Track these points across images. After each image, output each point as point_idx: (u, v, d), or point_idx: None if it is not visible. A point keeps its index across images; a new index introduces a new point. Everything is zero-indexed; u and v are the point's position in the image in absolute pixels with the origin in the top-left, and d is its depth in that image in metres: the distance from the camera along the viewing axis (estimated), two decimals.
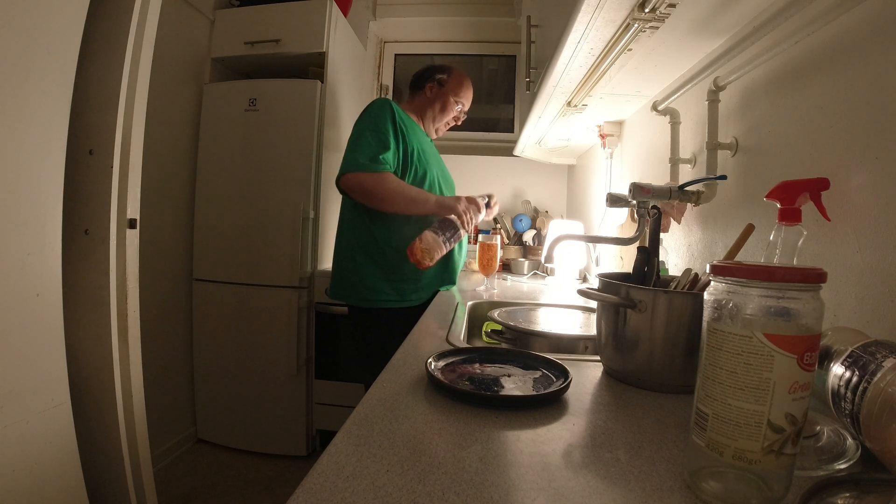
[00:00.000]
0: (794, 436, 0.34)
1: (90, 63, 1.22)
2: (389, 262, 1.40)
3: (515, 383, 0.62)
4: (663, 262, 1.16)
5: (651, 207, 0.88)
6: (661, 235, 1.13)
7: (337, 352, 2.04)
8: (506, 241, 2.44)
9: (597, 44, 0.92)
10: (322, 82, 1.99)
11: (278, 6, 2.03)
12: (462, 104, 1.61)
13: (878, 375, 0.39)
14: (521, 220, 2.46)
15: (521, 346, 0.94)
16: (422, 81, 1.60)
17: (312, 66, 2.09)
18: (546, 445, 0.46)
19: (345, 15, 2.19)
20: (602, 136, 1.59)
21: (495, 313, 1.07)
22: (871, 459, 0.41)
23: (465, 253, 1.52)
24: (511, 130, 2.70)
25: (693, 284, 0.71)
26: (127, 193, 1.29)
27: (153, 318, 1.85)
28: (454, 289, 1.54)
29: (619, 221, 1.49)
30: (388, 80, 2.79)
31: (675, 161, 1.07)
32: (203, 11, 2.03)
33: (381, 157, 1.32)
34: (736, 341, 0.35)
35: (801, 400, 0.34)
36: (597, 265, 1.80)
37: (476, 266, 1.69)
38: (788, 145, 0.74)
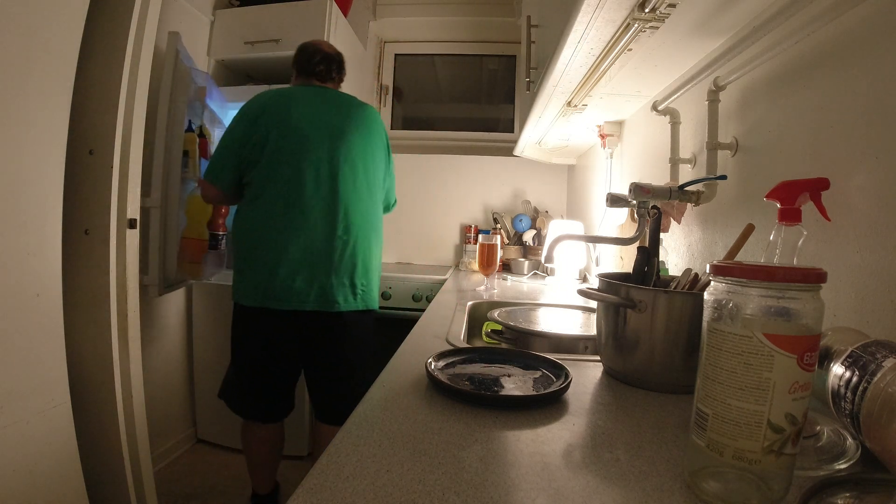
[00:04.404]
0: (794, 436, 0.34)
1: (90, 63, 1.22)
2: None
3: (515, 383, 0.62)
4: (663, 262, 1.16)
5: (651, 207, 0.88)
6: (661, 235, 1.13)
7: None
8: (506, 241, 2.44)
9: (597, 44, 0.92)
10: None
11: (278, 6, 2.03)
12: None
13: (878, 375, 0.39)
14: (521, 220, 2.46)
15: (521, 346, 0.94)
16: (343, 73, 1.61)
17: None
18: (546, 445, 0.46)
19: (345, 15, 2.19)
20: (602, 136, 1.59)
21: (495, 313, 1.07)
22: (871, 459, 0.41)
23: None
24: (511, 130, 2.70)
25: (693, 284, 0.71)
26: (127, 193, 1.29)
27: (153, 318, 1.85)
28: None
29: (619, 221, 1.49)
30: (388, 80, 2.78)
31: (675, 161, 1.07)
32: (203, 11, 2.03)
33: None
34: (736, 341, 0.35)
35: (801, 400, 0.34)
36: (597, 265, 1.80)
37: (476, 266, 1.69)
38: (788, 145, 0.74)
